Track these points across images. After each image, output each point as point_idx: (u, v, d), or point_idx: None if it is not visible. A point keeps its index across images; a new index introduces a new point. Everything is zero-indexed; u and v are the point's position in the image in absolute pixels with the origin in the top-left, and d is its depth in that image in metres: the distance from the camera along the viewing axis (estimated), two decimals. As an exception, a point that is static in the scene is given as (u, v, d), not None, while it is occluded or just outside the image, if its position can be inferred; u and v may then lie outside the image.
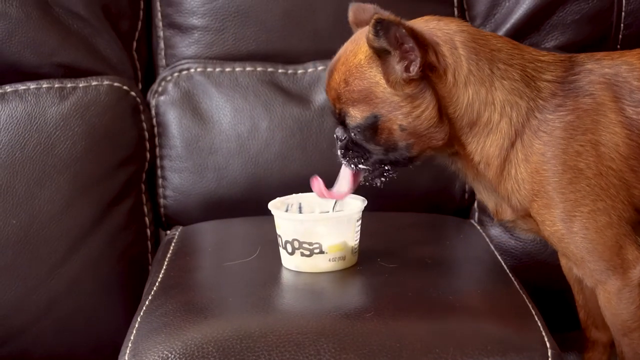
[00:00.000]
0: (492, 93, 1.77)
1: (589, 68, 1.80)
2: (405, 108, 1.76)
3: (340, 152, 1.84)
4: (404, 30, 1.70)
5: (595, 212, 1.76)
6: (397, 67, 1.74)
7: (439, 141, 1.79)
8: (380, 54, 1.74)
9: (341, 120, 1.81)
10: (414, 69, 1.73)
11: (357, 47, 1.78)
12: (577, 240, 1.78)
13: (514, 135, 1.78)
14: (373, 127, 1.78)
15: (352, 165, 1.84)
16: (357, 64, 1.77)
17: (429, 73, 1.75)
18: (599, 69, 1.80)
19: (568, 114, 1.77)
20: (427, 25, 1.78)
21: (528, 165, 1.78)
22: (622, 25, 2.38)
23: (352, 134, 1.80)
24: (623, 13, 2.37)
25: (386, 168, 1.83)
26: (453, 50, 1.76)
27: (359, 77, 1.77)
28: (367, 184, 1.87)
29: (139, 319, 1.77)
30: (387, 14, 1.80)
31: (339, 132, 1.83)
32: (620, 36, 2.39)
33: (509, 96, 1.77)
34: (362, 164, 1.83)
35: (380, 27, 1.69)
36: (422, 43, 1.72)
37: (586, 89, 1.78)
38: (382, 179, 1.85)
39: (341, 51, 1.82)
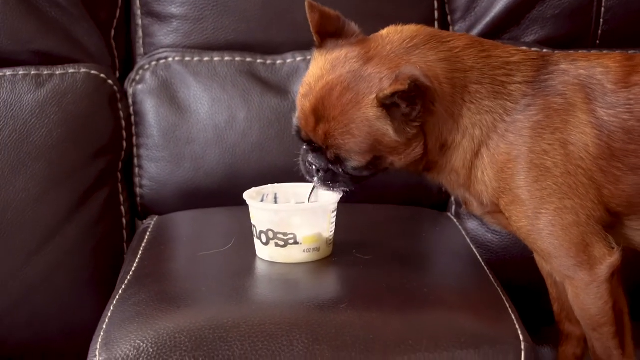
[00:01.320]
0: (459, 121, 1.78)
1: (563, 68, 1.80)
2: (402, 150, 1.78)
3: (320, 179, 1.85)
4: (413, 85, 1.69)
5: (562, 209, 1.77)
6: (402, 115, 1.74)
7: (417, 168, 1.84)
8: (389, 107, 1.73)
9: (333, 161, 1.81)
10: (415, 114, 1.73)
11: (357, 97, 1.75)
12: (543, 236, 1.78)
13: (477, 147, 1.79)
14: (373, 166, 1.80)
15: (335, 189, 1.87)
16: (364, 118, 1.75)
17: (425, 115, 1.75)
18: (573, 70, 1.80)
19: (537, 113, 1.77)
20: (409, 57, 1.76)
21: (494, 166, 1.79)
22: (601, 20, 2.38)
23: (342, 170, 1.81)
24: (603, 9, 2.37)
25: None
26: (439, 87, 1.75)
27: (367, 130, 1.75)
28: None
29: (111, 308, 1.77)
30: (352, 28, 1.81)
31: (321, 164, 1.83)
32: (599, 32, 2.39)
33: (473, 118, 1.78)
34: (345, 187, 1.86)
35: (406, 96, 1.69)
36: (422, 90, 1.71)
37: (558, 89, 1.78)
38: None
39: (331, 92, 1.77)
